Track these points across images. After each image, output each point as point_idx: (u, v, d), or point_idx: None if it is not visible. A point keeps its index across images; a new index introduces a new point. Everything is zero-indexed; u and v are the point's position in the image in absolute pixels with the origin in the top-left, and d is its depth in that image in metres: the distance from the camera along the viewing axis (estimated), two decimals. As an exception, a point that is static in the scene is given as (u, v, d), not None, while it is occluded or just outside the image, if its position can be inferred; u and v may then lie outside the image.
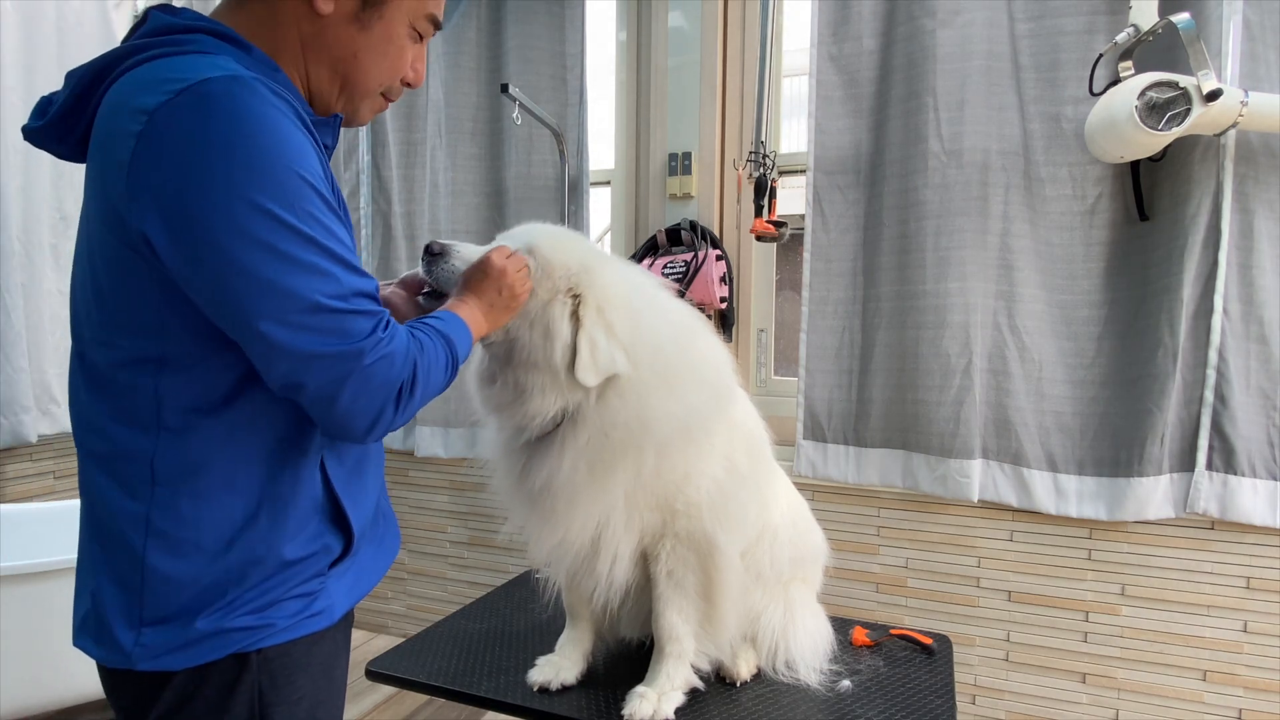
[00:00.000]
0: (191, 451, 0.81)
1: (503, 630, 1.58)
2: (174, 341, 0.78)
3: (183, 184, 0.72)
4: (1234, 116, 1.65)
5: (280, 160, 0.74)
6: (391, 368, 0.81)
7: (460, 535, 2.76)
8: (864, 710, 1.30)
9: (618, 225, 2.63)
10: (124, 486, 0.81)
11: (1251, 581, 1.86)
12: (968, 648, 2.09)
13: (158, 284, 0.77)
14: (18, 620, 1.86)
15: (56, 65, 2.60)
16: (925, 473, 2.07)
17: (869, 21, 2.11)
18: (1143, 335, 1.87)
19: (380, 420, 0.82)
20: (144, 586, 0.81)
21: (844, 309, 2.18)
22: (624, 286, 1.19)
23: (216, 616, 0.82)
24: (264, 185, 0.73)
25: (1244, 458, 1.80)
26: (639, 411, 1.14)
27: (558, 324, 1.12)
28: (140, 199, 0.73)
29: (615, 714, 1.23)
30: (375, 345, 0.80)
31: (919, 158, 2.03)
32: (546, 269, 1.14)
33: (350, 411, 0.80)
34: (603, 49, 2.61)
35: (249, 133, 0.73)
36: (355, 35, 0.89)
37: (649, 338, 1.17)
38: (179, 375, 0.79)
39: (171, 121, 0.72)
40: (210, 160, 0.72)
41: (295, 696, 0.88)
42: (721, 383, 1.26)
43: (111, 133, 0.76)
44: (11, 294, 2.44)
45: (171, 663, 0.81)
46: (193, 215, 0.72)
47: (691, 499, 1.23)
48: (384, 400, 0.81)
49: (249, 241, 0.73)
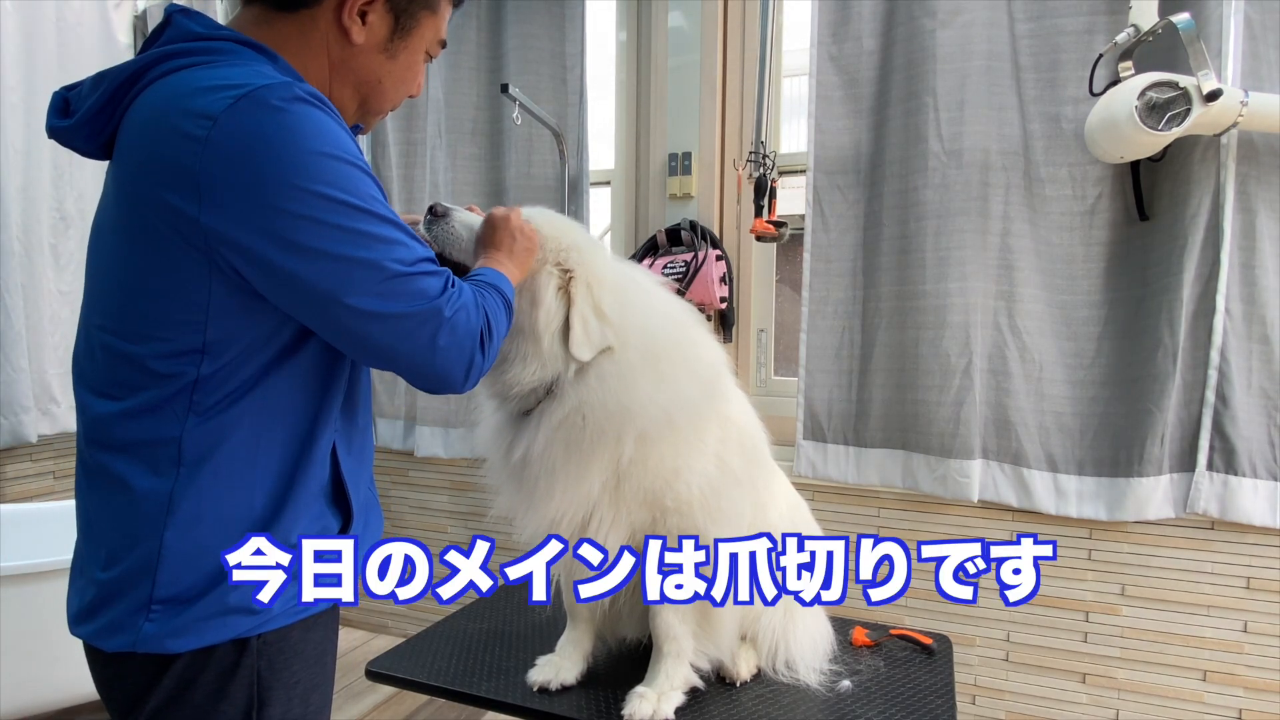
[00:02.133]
0: (220, 433, 0.84)
1: (503, 630, 1.58)
2: (217, 329, 0.82)
3: (256, 182, 0.77)
4: (1234, 116, 1.65)
5: (340, 154, 0.80)
6: (470, 317, 0.88)
7: (460, 535, 2.76)
8: (864, 710, 1.29)
9: (618, 225, 2.63)
10: (148, 466, 0.83)
11: (1252, 582, 1.86)
12: (968, 648, 2.09)
13: (210, 275, 0.80)
14: (18, 620, 1.86)
15: (56, 65, 2.60)
16: (925, 473, 2.07)
17: (869, 21, 2.11)
18: (1143, 335, 1.87)
19: (473, 365, 0.90)
20: (159, 565, 0.82)
21: (844, 309, 2.18)
22: (615, 270, 1.21)
23: (222, 596, 0.84)
24: (330, 176, 0.79)
25: (1245, 458, 1.80)
26: (620, 396, 1.15)
27: (543, 292, 1.14)
28: (214, 200, 0.77)
29: (615, 714, 1.23)
30: (450, 300, 0.87)
31: (919, 158, 2.03)
32: (540, 240, 1.16)
33: (447, 363, 0.87)
34: (603, 49, 2.61)
35: (311, 132, 0.79)
36: (383, 63, 0.96)
37: (637, 321, 1.18)
38: (217, 361, 0.83)
39: (239, 125, 0.76)
40: (281, 158, 0.77)
41: (292, 681, 0.91)
42: (712, 377, 1.25)
43: (162, 134, 0.79)
44: (11, 294, 2.44)
45: (176, 644, 0.83)
46: (272, 209, 0.77)
47: (682, 496, 1.22)
48: (471, 347, 0.89)
49: (327, 228, 0.79)
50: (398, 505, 2.83)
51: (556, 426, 1.16)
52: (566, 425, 1.15)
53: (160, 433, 0.83)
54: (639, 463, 1.19)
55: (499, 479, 1.28)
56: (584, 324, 1.13)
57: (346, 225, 0.80)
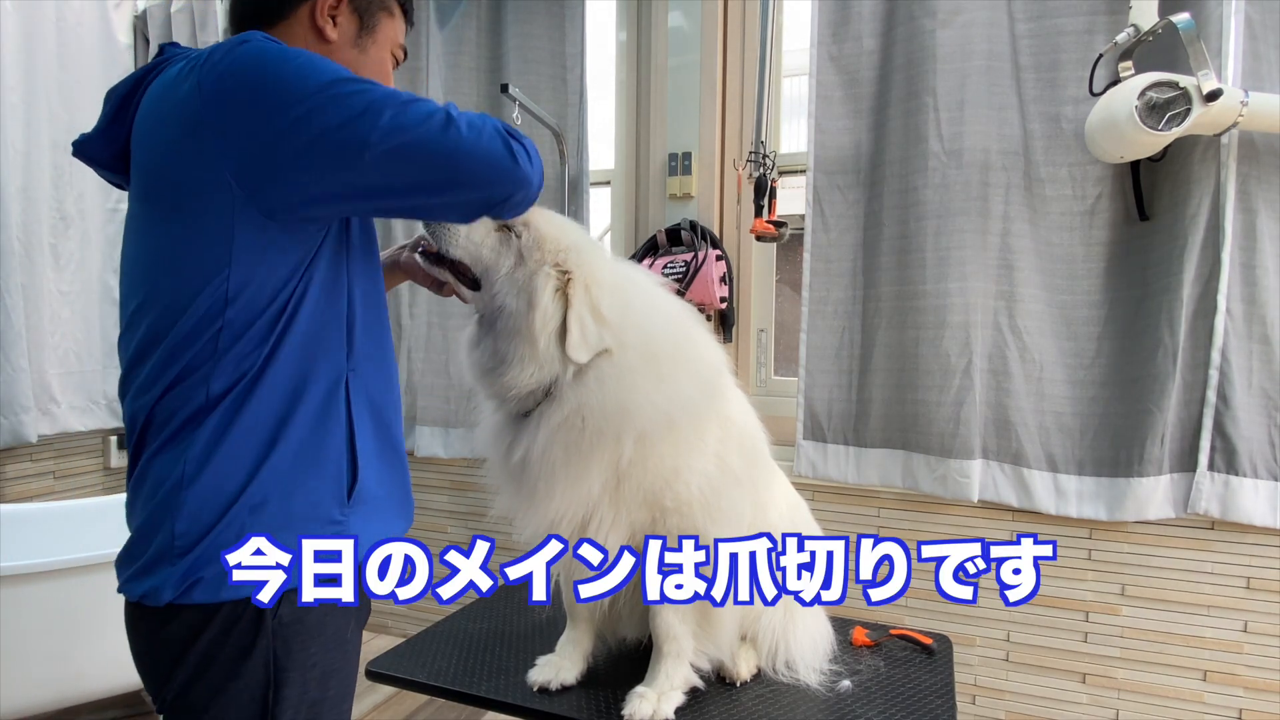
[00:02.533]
0: (245, 373, 0.89)
1: (503, 630, 1.58)
2: (240, 268, 0.87)
3: (252, 95, 0.84)
4: (1234, 116, 1.65)
5: (315, 59, 0.87)
6: (479, 118, 0.89)
7: (460, 535, 2.76)
8: (864, 710, 1.29)
9: (618, 225, 2.63)
10: (184, 400, 0.89)
11: (1252, 582, 1.86)
12: (968, 648, 2.09)
13: (230, 213, 0.86)
14: (18, 620, 1.86)
15: (57, 65, 2.60)
16: (925, 473, 2.07)
17: (869, 21, 2.11)
18: (1143, 335, 1.87)
19: (516, 152, 0.89)
20: (181, 512, 0.87)
21: (844, 309, 2.18)
22: (613, 271, 1.21)
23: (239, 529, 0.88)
24: (312, 70, 0.85)
25: (1245, 458, 1.79)
26: (619, 397, 1.14)
27: (540, 294, 1.14)
28: (222, 124, 0.85)
29: (615, 714, 1.23)
30: (450, 107, 0.89)
31: (919, 158, 2.03)
32: (538, 240, 1.16)
33: (491, 150, 0.88)
34: (603, 49, 2.60)
35: (291, 54, 0.86)
36: (357, 57, 1.04)
37: (636, 321, 1.18)
38: (238, 303, 0.88)
39: (218, 62, 0.85)
40: (264, 67, 0.84)
41: (309, 663, 0.92)
42: (712, 377, 1.25)
43: (163, 108, 0.90)
44: (11, 294, 2.44)
45: (201, 594, 0.87)
46: (274, 105, 0.84)
47: (681, 496, 1.22)
48: (499, 133, 0.89)
49: (323, 99, 0.83)
50: (398, 505, 2.83)
51: (556, 428, 1.16)
52: (566, 427, 1.15)
53: (193, 371, 0.89)
54: (639, 463, 1.19)
55: (499, 479, 1.28)
56: (581, 326, 1.13)
57: (336, 93, 0.84)
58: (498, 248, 1.16)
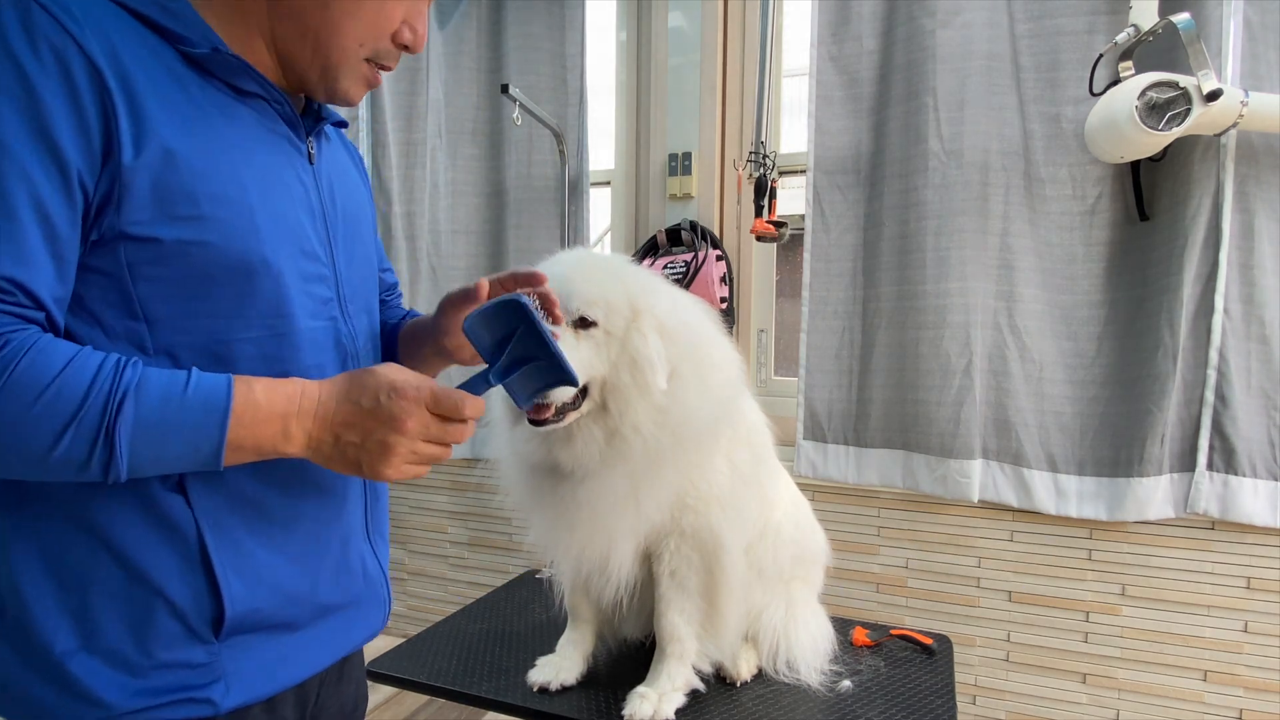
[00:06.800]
0: None
1: (503, 630, 1.58)
2: None
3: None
4: (1234, 116, 1.65)
5: None
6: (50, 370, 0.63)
7: (460, 535, 2.76)
8: (864, 710, 1.29)
9: (618, 225, 2.63)
10: None
11: (1252, 581, 1.86)
12: (968, 648, 2.09)
13: None
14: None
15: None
16: (925, 473, 2.07)
17: (869, 21, 2.11)
18: (1143, 335, 1.87)
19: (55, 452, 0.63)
20: None
21: (844, 309, 2.18)
22: (669, 294, 1.19)
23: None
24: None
25: (1245, 458, 1.80)
26: (683, 411, 1.13)
27: (643, 350, 1.09)
28: None
29: (615, 714, 1.23)
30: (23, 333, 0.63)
31: (919, 158, 2.03)
32: (611, 307, 1.10)
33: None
34: (603, 49, 2.61)
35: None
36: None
37: (685, 335, 1.16)
38: None
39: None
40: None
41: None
42: (738, 377, 1.26)
43: None
44: (11, 294, 2.43)
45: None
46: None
47: (703, 493, 1.23)
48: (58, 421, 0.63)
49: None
50: (398, 505, 2.83)
51: (636, 460, 1.12)
52: (644, 454, 1.12)
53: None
54: (680, 469, 1.19)
55: (525, 500, 1.25)
56: (661, 358, 1.10)
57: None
58: (592, 347, 1.08)
